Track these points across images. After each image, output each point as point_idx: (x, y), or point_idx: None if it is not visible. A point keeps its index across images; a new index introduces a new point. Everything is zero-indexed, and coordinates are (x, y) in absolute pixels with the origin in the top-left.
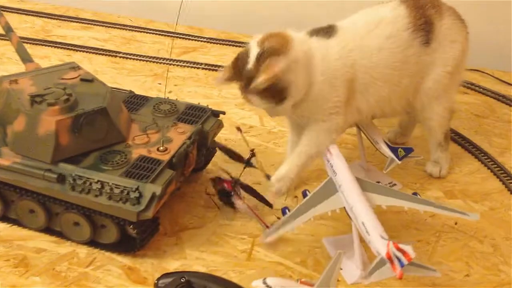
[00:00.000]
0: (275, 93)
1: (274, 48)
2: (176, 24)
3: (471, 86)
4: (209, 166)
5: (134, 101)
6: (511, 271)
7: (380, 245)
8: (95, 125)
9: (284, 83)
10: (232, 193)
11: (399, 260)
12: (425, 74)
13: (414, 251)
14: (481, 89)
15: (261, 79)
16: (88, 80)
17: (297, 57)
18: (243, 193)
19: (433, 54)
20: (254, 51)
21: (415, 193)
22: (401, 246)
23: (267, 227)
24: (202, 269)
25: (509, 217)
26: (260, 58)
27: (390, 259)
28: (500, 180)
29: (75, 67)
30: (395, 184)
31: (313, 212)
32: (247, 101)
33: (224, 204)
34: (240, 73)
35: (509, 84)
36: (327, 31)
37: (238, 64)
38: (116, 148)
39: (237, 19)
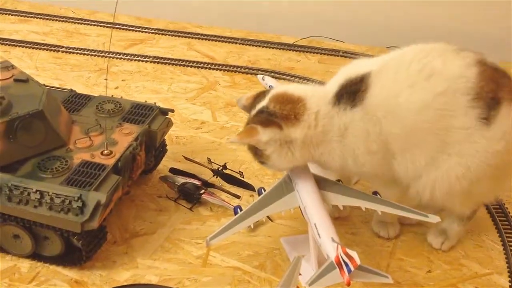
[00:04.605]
0: (255, 152)
1: (273, 118)
2: (115, 13)
3: None
4: (160, 166)
5: (75, 101)
6: (472, 265)
7: (330, 248)
8: (32, 130)
9: (263, 151)
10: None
11: (346, 265)
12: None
13: (359, 258)
14: None
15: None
16: (23, 80)
17: (295, 138)
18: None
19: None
20: (264, 101)
21: (375, 193)
22: (348, 251)
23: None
24: (154, 279)
25: None
26: (257, 115)
27: (339, 263)
28: None
29: (8, 66)
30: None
31: (265, 211)
32: None
33: (185, 199)
34: (251, 109)
35: None
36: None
37: (256, 100)
38: (55, 153)
39: (187, 9)
